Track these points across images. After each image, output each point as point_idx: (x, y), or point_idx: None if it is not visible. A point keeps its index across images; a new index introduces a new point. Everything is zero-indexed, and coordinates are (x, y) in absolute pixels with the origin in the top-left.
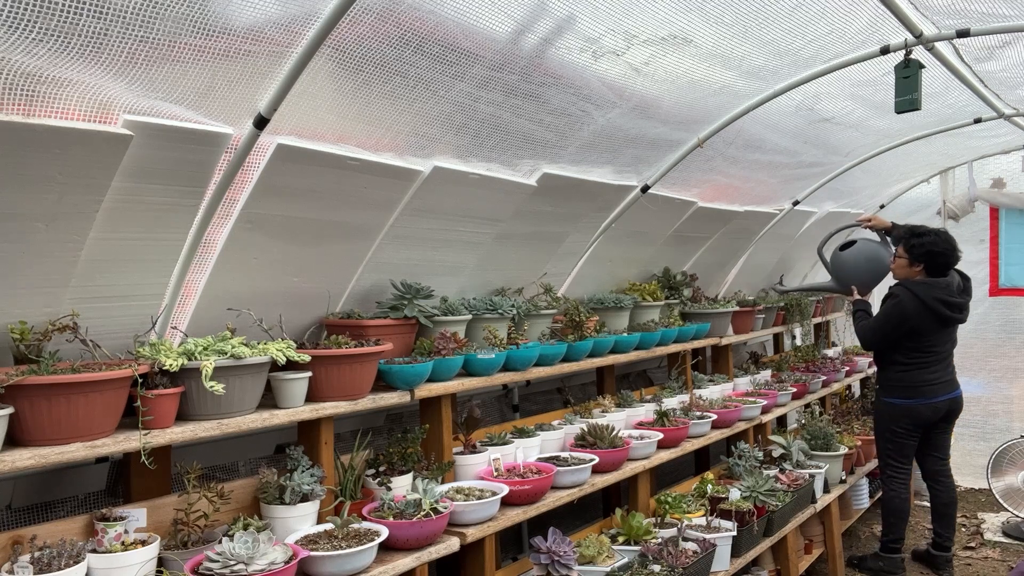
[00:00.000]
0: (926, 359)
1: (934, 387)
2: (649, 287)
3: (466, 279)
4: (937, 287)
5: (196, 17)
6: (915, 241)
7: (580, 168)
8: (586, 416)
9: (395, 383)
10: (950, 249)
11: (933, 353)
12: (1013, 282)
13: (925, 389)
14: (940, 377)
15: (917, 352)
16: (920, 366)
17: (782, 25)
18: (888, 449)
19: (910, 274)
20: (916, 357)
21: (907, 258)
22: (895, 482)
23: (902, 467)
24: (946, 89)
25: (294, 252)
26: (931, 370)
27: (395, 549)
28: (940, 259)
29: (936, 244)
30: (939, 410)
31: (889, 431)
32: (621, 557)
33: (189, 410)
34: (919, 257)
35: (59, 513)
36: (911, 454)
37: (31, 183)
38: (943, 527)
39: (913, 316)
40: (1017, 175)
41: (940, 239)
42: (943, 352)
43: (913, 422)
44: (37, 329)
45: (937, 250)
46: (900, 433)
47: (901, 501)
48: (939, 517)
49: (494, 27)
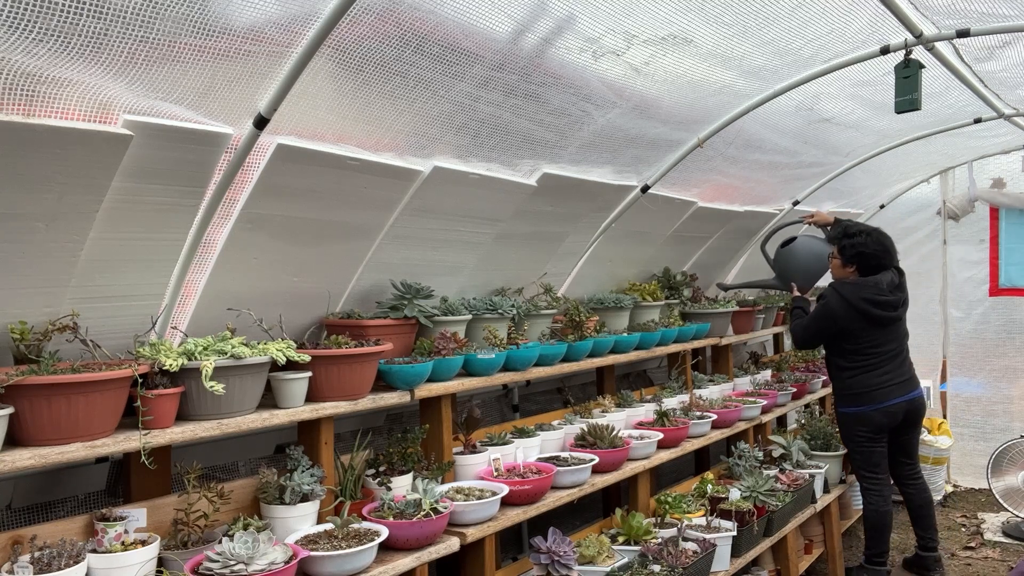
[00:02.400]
0: (870, 360)
1: (884, 390)
2: (649, 287)
3: (466, 279)
4: (864, 287)
5: (196, 17)
6: (846, 242)
7: (580, 168)
8: (586, 416)
9: (395, 383)
10: (882, 250)
11: (876, 354)
12: (1013, 282)
13: (875, 394)
14: (891, 379)
15: (858, 355)
16: (866, 369)
17: (782, 25)
18: (856, 460)
19: (844, 274)
20: (858, 360)
21: (840, 259)
22: (871, 494)
23: (876, 477)
24: (946, 89)
25: (294, 252)
26: (880, 372)
27: (395, 549)
28: (872, 260)
29: (866, 245)
30: (894, 414)
31: (852, 441)
32: (621, 557)
33: (189, 410)
34: (851, 258)
35: (59, 513)
36: (881, 461)
37: (31, 183)
38: (923, 528)
39: (841, 317)
40: (1017, 175)
41: (871, 239)
42: (889, 352)
43: (870, 429)
44: (37, 329)
45: (868, 251)
46: (861, 442)
47: (880, 514)
48: (917, 519)
49: (494, 27)
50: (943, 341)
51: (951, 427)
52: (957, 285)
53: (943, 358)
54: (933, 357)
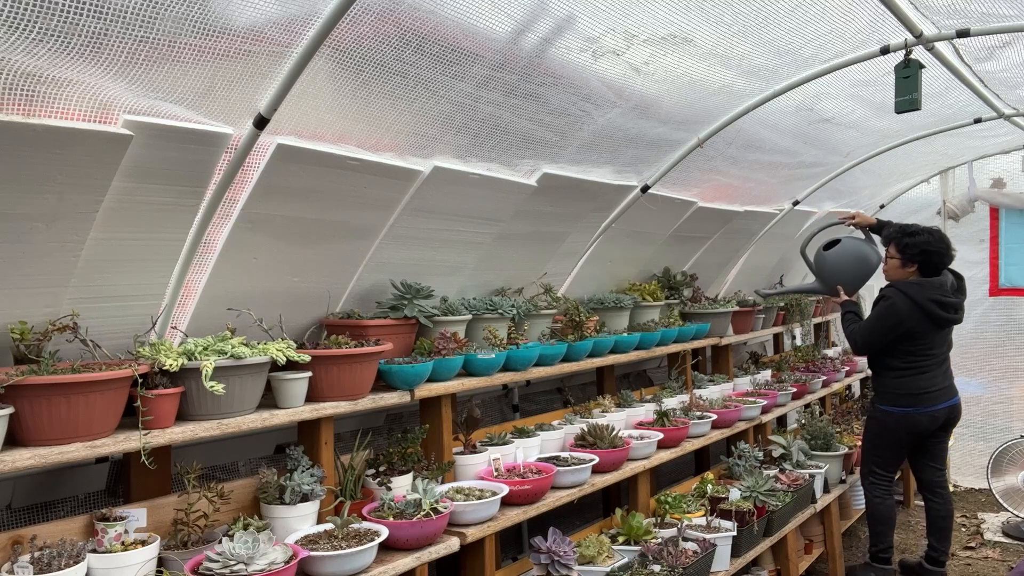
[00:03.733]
0: (924, 363)
1: (933, 394)
2: (649, 287)
3: (466, 279)
4: (931, 287)
5: (196, 17)
6: (908, 240)
7: (580, 168)
8: (586, 416)
9: (395, 383)
10: (945, 248)
11: (931, 356)
12: (1013, 282)
13: (924, 397)
14: (939, 383)
15: (913, 356)
16: (918, 371)
17: (782, 24)
18: (875, 458)
19: (903, 275)
20: (912, 361)
21: (900, 258)
22: (878, 488)
23: (886, 475)
24: (946, 89)
25: (294, 252)
26: (929, 375)
27: (395, 549)
28: (935, 258)
29: (931, 243)
30: (938, 419)
31: (880, 439)
32: (621, 557)
33: (189, 410)
34: (913, 257)
35: (59, 513)
36: (899, 465)
37: (31, 183)
38: (939, 540)
39: (907, 319)
40: (1017, 175)
41: (934, 238)
42: (940, 355)
43: (910, 432)
44: (37, 329)
45: (932, 249)
46: (892, 444)
47: (887, 508)
48: (936, 530)
49: (494, 27)
50: None
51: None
52: None
53: None
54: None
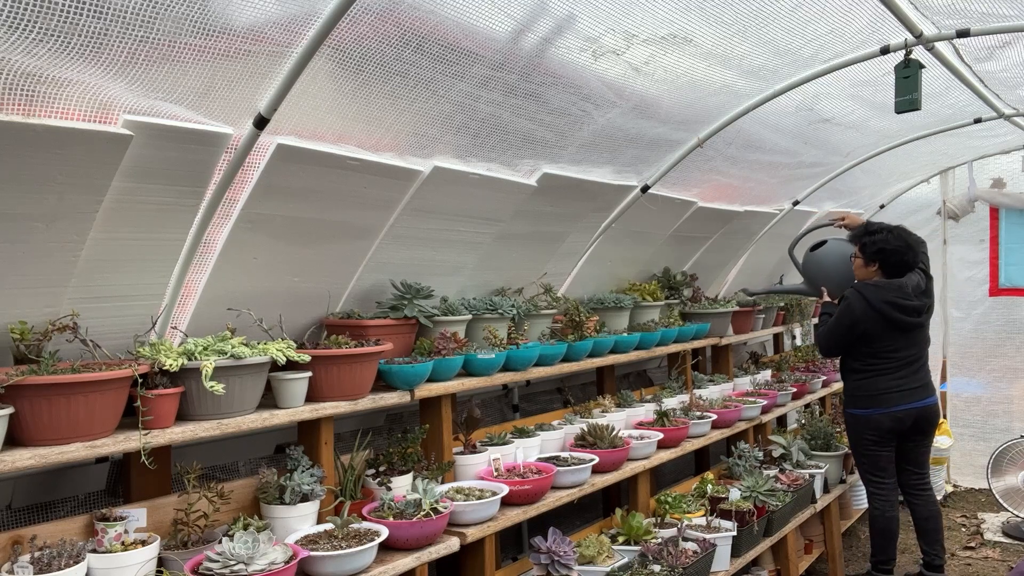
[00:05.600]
0: (885, 365)
1: (894, 395)
2: (649, 287)
3: (466, 279)
4: (888, 289)
5: (196, 17)
6: (867, 239)
7: (580, 168)
8: (586, 416)
9: (395, 383)
10: (904, 246)
11: (892, 359)
12: (1013, 282)
13: (883, 398)
14: (903, 384)
15: (873, 358)
16: (879, 373)
17: (782, 24)
18: (863, 464)
19: (867, 275)
20: (873, 363)
21: (862, 258)
22: (877, 499)
23: (882, 482)
24: (946, 89)
25: (294, 252)
26: (892, 376)
27: (395, 549)
28: (893, 257)
29: (888, 242)
30: (903, 420)
31: (853, 443)
32: (621, 557)
33: (189, 410)
34: (872, 256)
35: (59, 513)
36: (887, 466)
37: (31, 183)
38: (928, 544)
39: (862, 320)
40: (1017, 175)
41: (892, 236)
42: (906, 358)
43: (877, 433)
44: (37, 329)
45: (889, 248)
46: (867, 445)
47: (887, 520)
48: (923, 533)
49: (494, 27)
50: (943, 341)
51: (951, 427)
52: (957, 285)
53: (943, 358)
54: (933, 357)
